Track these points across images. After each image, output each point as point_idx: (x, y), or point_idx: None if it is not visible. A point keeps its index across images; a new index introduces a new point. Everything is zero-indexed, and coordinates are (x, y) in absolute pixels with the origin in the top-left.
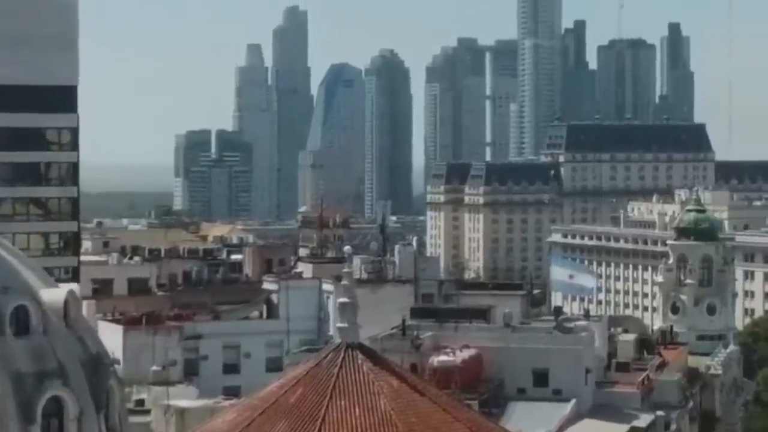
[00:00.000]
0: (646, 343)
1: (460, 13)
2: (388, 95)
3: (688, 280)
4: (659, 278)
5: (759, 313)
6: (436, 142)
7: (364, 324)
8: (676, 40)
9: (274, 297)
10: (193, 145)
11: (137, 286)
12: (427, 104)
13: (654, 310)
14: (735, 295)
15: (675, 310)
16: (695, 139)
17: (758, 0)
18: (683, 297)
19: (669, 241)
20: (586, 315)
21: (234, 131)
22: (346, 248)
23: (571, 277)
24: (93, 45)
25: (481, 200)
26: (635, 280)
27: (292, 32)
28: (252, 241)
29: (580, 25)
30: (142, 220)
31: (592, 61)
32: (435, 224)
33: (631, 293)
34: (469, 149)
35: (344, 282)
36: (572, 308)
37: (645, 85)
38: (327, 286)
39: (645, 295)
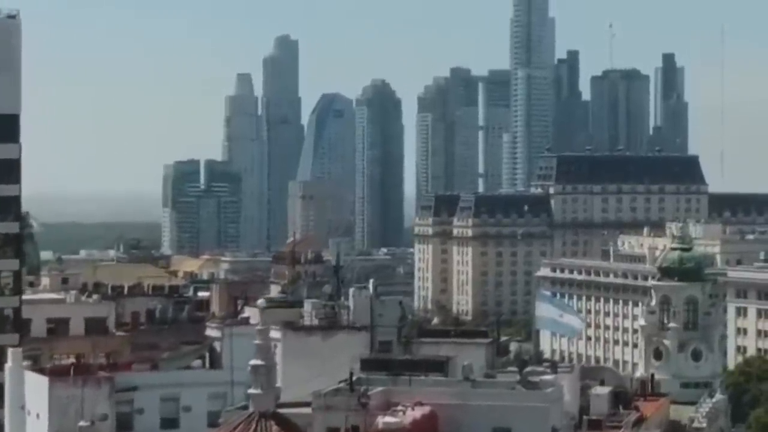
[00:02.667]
0: (622, 396)
1: (452, 43)
2: (380, 125)
3: (672, 324)
4: (641, 321)
5: (752, 351)
6: (428, 173)
7: (313, 376)
8: (670, 70)
9: (217, 345)
10: (181, 175)
11: (94, 326)
12: (419, 134)
13: None
14: (723, 338)
15: (658, 355)
16: (688, 171)
17: (751, 31)
18: (666, 342)
19: (651, 282)
20: (553, 367)
21: (223, 161)
22: (325, 288)
23: (560, 316)
24: (82, 73)
25: (470, 233)
26: (625, 316)
27: (283, 61)
28: (223, 277)
29: (573, 56)
30: (111, 251)
31: (586, 92)
32: (423, 257)
33: (621, 329)
34: (461, 180)
35: (258, 341)
36: (560, 345)
37: (639, 116)
38: (275, 333)
39: (635, 332)
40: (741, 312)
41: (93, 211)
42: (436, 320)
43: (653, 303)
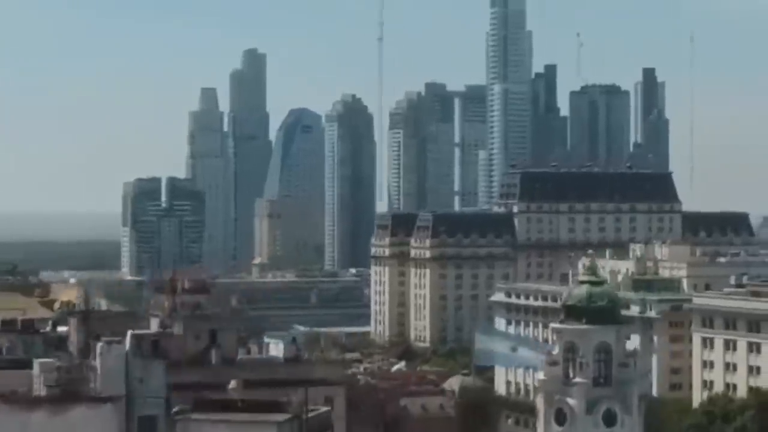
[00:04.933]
0: None
1: (428, 58)
2: (351, 142)
3: (579, 379)
4: (540, 375)
5: (719, 386)
6: (400, 191)
7: None
8: (650, 85)
9: None
10: (142, 193)
11: None
12: (391, 151)
13: None
14: (642, 398)
15: (561, 419)
16: (661, 189)
17: (721, 49)
18: (571, 401)
19: (553, 324)
20: None
21: (186, 179)
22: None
23: (513, 350)
24: (36, 86)
25: (428, 254)
26: None
27: (250, 76)
28: (105, 308)
29: (550, 70)
30: None
31: (565, 107)
32: (380, 280)
33: None
34: (435, 198)
35: None
36: (516, 377)
37: (619, 132)
38: None
39: None
40: (707, 343)
41: (57, 230)
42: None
43: (555, 351)
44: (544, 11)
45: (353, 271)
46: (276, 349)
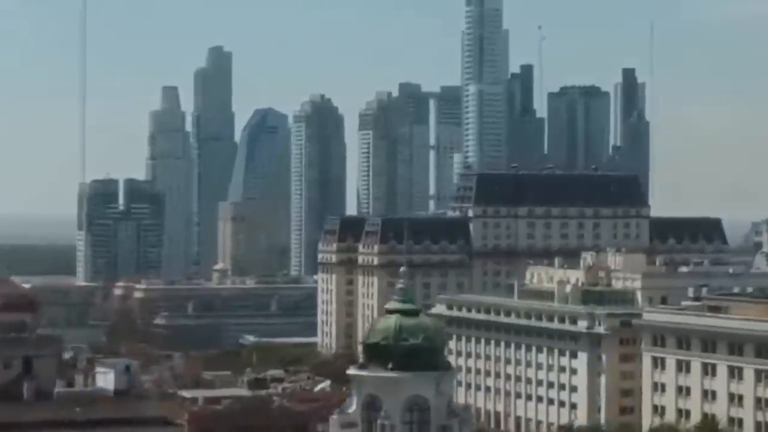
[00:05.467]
0: None
1: (403, 58)
2: (319, 144)
3: None
4: None
5: (670, 412)
6: (369, 195)
7: None
8: (630, 86)
9: None
10: (98, 195)
11: None
12: (360, 153)
13: (551, 402)
14: None
15: None
16: (627, 193)
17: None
18: None
19: (350, 371)
20: None
21: (145, 181)
22: None
23: None
24: None
25: (376, 261)
26: (528, 364)
27: (216, 75)
28: None
29: (526, 70)
30: None
31: (543, 109)
32: (327, 288)
33: (524, 380)
34: (407, 202)
35: None
36: (455, 397)
37: (599, 135)
38: None
39: (539, 383)
40: (658, 363)
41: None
42: None
43: (352, 409)
44: (521, 10)
45: (315, 277)
46: (105, 379)
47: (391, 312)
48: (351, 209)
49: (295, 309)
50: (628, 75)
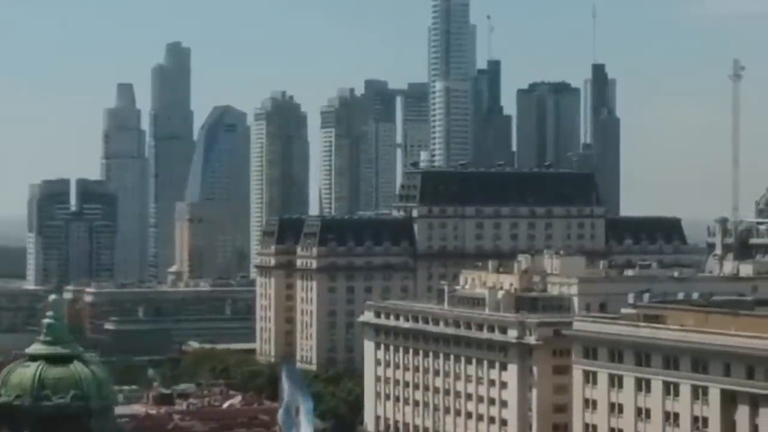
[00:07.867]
0: None
1: (369, 54)
2: (281, 142)
3: None
4: None
5: (602, 431)
6: (331, 195)
7: None
8: (600, 83)
9: None
10: (49, 196)
11: None
12: (322, 152)
13: (480, 418)
14: None
15: None
16: (582, 191)
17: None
18: None
19: None
20: None
21: (98, 180)
22: None
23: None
24: None
25: (314, 264)
26: (457, 377)
27: (174, 71)
28: None
29: (494, 66)
30: None
31: (511, 106)
32: (265, 293)
33: (452, 393)
34: (371, 202)
35: None
36: (385, 412)
37: (569, 132)
38: None
39: (469, 397)
40: (589, 377)
41: None
42: None
43: None
44: (488, 4)
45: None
46: None
47: (34, 358)
48: (314, 210)
49: (248, 313)
50: (598, 71)
